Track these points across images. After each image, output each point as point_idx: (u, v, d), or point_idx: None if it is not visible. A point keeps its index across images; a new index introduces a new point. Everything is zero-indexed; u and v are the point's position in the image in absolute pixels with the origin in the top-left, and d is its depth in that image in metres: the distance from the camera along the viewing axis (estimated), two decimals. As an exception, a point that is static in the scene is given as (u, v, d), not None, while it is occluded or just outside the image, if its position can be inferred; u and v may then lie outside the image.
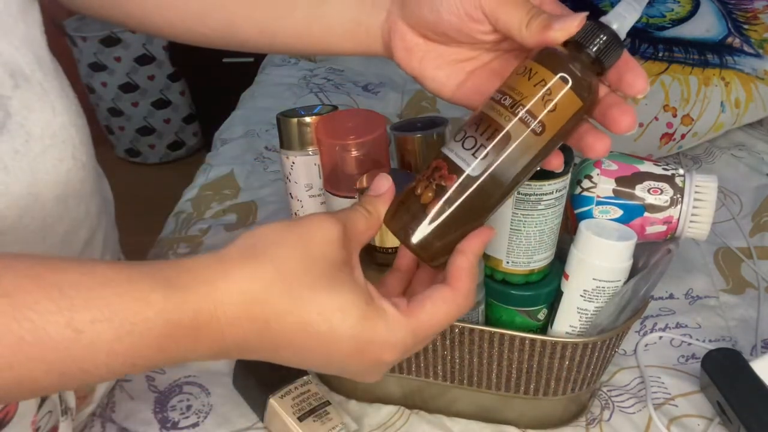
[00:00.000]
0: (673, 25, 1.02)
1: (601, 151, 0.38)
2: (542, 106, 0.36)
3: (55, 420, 0.52)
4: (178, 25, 0.52)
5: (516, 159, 0.36)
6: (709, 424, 0.59)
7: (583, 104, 0.36)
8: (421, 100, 1.15)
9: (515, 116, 0.36)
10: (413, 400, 0.60)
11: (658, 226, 0.51)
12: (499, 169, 0.36)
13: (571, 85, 0.36)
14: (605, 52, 0.36)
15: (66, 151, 0.47)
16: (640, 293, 0.50)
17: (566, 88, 0.36)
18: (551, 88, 0.36)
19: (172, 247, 0.83)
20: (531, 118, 0.36)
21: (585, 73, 0.36)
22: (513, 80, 0.37)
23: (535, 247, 0.50)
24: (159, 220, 0.94)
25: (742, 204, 0.87)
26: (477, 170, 0.36)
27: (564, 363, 0.52)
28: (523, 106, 0.36)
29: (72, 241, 0.50)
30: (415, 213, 0.37)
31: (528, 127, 0.36)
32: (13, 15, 0.44)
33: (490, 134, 0.36)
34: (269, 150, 1.03)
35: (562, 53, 0.37)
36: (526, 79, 0.36)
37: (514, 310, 0.53)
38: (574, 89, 0.36)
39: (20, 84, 0.43)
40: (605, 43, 0.36)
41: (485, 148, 0.36)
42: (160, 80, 2.07)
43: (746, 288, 0.74)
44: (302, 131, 0.54)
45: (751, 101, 0.95)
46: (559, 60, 0.36)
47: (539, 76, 0.36)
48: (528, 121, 0.36)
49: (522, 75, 0.37)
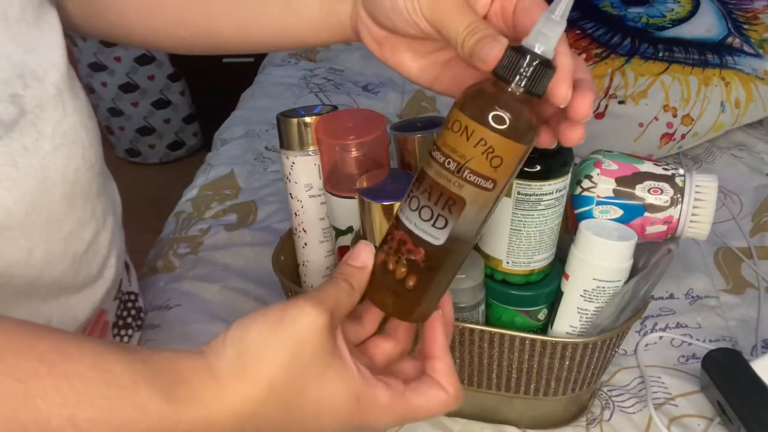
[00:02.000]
0: (673, 25, 1.02)
1: (575, 139, 0.37)
2: (488, 165, 0.34)
3: None
4: (160, 31, 0.53)
5: (475, 216, 0.36)
6: (709, 424, 0.59)
7: (526, 147, 0.35)
8: (421, 100, 1.15)
9: (464, 181, 0.35)
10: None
11: (659, 226, 0.51)
12: (462, 231, 0.36)
13: (510, 135, 0.34)
14: (533, 81, 0.34)
15: (75, 151, 0.48)
16: (640, 293, 0.50)
17: (507, 141, 0.34)
18: (491, 145, 0.34)
19: (172, 247, 0.83)
20: (480, 179, 0.35)
21: (520, 113, 0.34)
22: (451, 139, 0.35)
23: (535, 247, 0.50)
24: (159, 220, 0.94)
25: (742, 204, 0.87)
26: (441, 239, 0.36)
27: (564, 363, 0.52)
28: (470, 169, 0.34)
29: (76, 240, 0.50)
30: (395, 288, 0.38)
31: (480, 187, 0.35)
32: (28, 21, 0.45)
33: (444, 203, 0.35)
34: (269, 150, 1.03)
35: (490, 95, 0.34)
36: (464, 139, 0.34)
37: (514, 311, 0.53)
38: (514, 138, 0.34)
39: (30, 84, 0.44)
40: (532, 72, 0.33)
41: (444, 217, 0.36)
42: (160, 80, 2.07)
43: (746, 288, 0.74)
44: (302, 131, 0.54)
45: (751, 101, 0.95)
46: (489, 108, 0.34)
47: (476, 135, 0.34)
48: (478, 183, 0.35)
49: (459, 134, 0.34)
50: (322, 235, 0.58)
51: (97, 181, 0.52)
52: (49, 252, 0.47)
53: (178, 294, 0.74)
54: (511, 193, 0.47)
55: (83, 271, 0.52)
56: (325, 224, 0.57)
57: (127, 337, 0.64)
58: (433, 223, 0.36)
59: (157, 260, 0.81)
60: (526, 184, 0.46)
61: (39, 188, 0.45)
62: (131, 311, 0.65)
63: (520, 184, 0.46)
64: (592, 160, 0.52)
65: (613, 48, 1.00)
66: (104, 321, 0.59)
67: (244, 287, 0.74)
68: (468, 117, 0.34)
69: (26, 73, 0.44)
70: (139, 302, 0.68)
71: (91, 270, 0.53)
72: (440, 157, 0.35)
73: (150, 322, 0.71)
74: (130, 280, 0.66)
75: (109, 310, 0.60)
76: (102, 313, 0.58)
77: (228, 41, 0.52)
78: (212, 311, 0.71)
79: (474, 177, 0.34)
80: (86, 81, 2.06)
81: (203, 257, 0.81)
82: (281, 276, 0.56)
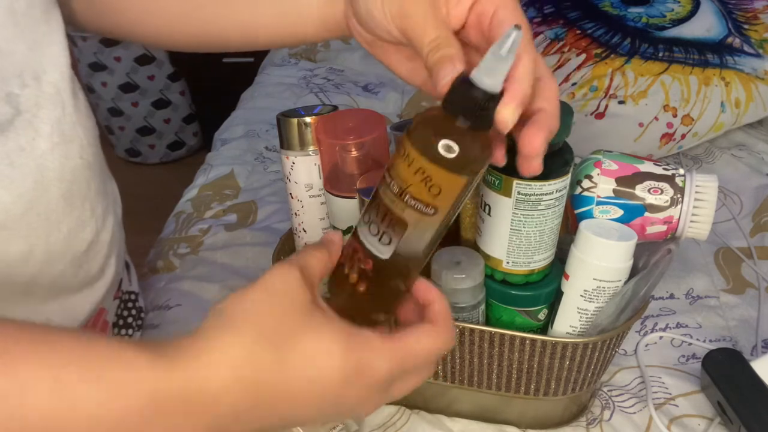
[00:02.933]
0: (673, 25, 1.02)
1: (529, 172, 0.37)
2: (427, 192, 0.34)
3: None
4: (163, 29, 0.53)
5: (419, 238, 0.37)
6: (709, 424, 0.59)
7: (467, 179, 0.35)
8: (421, 100, 1.15)
9: (406, 204, 0.35)
10: (413, 400, 0.60)
11: (659, 226, 0.51)
12: (407, 249, 0.37)
13: (449, 167, 0.34)
14: (476, 117, 0.34)
15: (73, 150, 0.48)
16: (640, 293, 0.50)
17: (445, 173, 0.34)
18: (429, 175, 0.34)
19: (173, 247, 0.83)
20: (420, 204, 0.35)
21: (462, 146, 0.34)
22: (397, 163, 0.35)
23: (536, 247, 0.50)
24: (159, 220, 0.94)
25: (743, 204, 0.87)
26: (386, 254, 0.37)
27: (564, 363, 0.52)
28: (410, 194, 0.35)
29: (75, 240, 0.50)
30: (349, 291, 0.39)
31: (420, 212, 0.35)
32: (35, 17, 0.45)
33: (388, 222, 0.36)
34: (269, 150, 1.03)
35: (435, 125, 0.34)
36: (406, 165, 0.34)
37: (514, 311, 0.53)
38: (453, 170, 0.34)
39: (28, 83, 0.44)
40: (475, 107, 0.33)
41: (388, 235, 0.36)
42: (160, 80, 2.07)
43: (746, 288, 0.74)
44: (302, 131, 0.54)
45: (751, 101, 0.95)
46: (430, 138, 0.34)
47: (416, 163, 0.34)
48: (419, 208, 0.35)
49: (403, 158, 0.35)
50: (322, 234, 0.58)
51: (96, 181, 0.52)
52: (49, 251, 0.47)
53: (178, 294, 0.74)
54: (511, 193, 0.47)
55: (83, 270, 0.52)
56: (326, 224, 0.57)
57: (128, 337, 0.64)
58: (379, 238, 0.37)
59: (157, 260, 0.81)
60: (526, 184, 0.46)
61: (36, 187, 0.45)
62: (131, 311, 0.65)
63: (520, 184, 0.46)
64: (592, 159, 0.52)
65: (613, 48, 1.00)
66: (104, 320, 0.60)
67: (244, 287, 0.74)
68: (411, 144, 0.34)
69: (25, 72, 0.44)
70: (139, 302, 0.68)
71: (92, 269, 0.53)
72: (388, 178, 0.36)
73: (150, 322, 0.71)
74: (130, 279, 0.66)
75: (109, 310, 0.60)
76: (102, 313, 0.58)
77: (230, 38, 0.52)
78: (212, 311, 0.71)
79: (414, 202, 0.35)
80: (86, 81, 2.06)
81: (203, 257, 0.81)
82: (281, 276, 0.56)
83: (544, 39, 1.07)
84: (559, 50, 1.04)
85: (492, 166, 0.47)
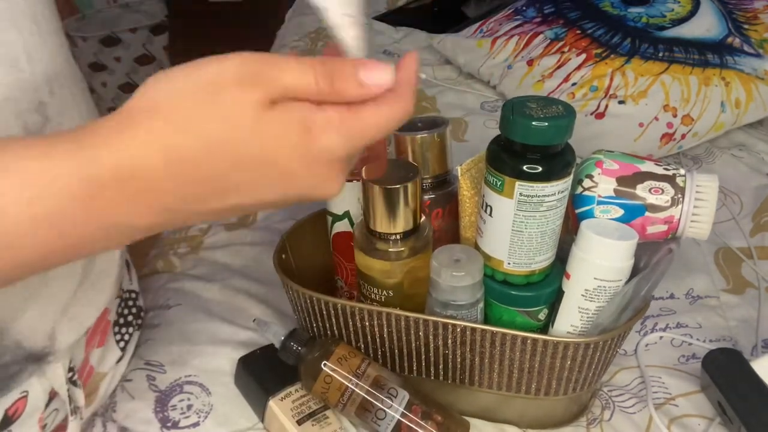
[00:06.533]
0: (673, 25, 1.02)
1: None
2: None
3: (62, 417, 0.52)
4: None
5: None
6: (709, 424, 0.59)
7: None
8: (421, 100, 1.15)
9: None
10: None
11: (659, 226, 0.51)
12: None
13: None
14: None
15: None
16: (641, 293, 0.50)
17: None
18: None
19: (173, 247, 0.83)
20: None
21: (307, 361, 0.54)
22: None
23: (537, 248, 0.50)
24: (159, 219, 0.94)
25: (743, 204, 0.87)
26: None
27: (565, 363, 0.52)
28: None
29: None
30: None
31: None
32: (48, 18, 0.45)
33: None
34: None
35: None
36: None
37: (515, 311, 0.53)
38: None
39: (55, 90, 0.45)
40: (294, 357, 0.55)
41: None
42: (160, 80, 2.08)
43: (747, 288, 0.74)
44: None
45: (751, 101, 0.95)
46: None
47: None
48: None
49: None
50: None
51: None
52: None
53: (178, 293, 0.74)
54: (513, 194, 0.47)
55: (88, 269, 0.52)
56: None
57: (128, 335, 0.64)
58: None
59: (157, 260, 0.81)
60: (528, 186, 0.46)
61: None
62: (132, 309, 0.65)
63: (522, 186, 0.47)
64: (593, 159, 0.52)
65: (613, 48, 1.00)
66: (107, 320, 0.60)
67: (244, 287, 0.74)
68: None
69: (53, 79, 0.44)
70: (139, 301, 0.68)
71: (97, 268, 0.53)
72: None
73: (150, 322, 0.71)
74: (131, 278, 0.66)
75: (111, 308, 0.60)
76: (105, 311, 0.58)
77: None
78: (212, 311, 0.71)
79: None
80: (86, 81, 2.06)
81: (203, 257, 0.81)
82: (282, 275, 0.56)
83: (544, 39, 1.07)
84: (559, 50, 1.04)
85: (495, 168, 0.48)
